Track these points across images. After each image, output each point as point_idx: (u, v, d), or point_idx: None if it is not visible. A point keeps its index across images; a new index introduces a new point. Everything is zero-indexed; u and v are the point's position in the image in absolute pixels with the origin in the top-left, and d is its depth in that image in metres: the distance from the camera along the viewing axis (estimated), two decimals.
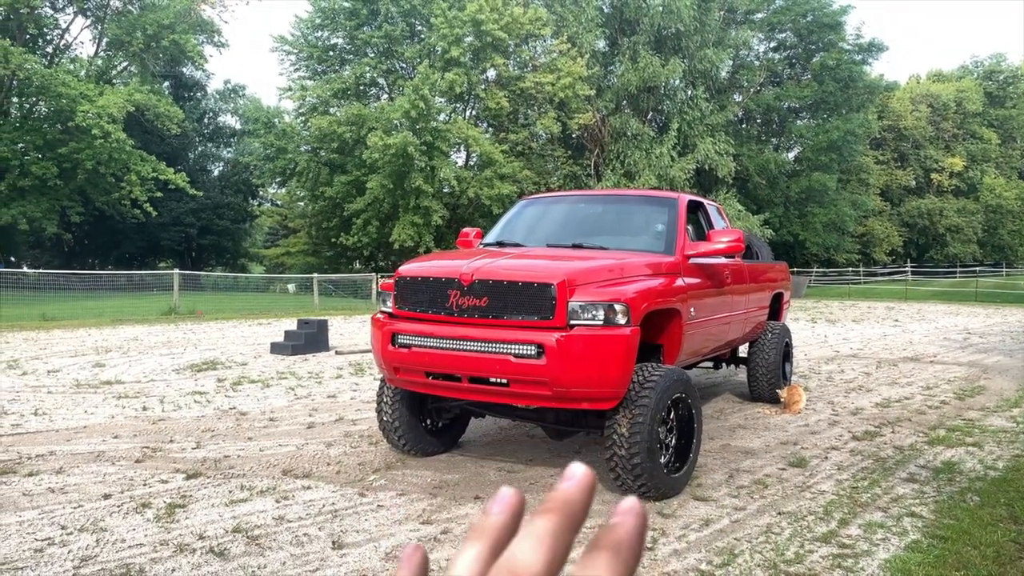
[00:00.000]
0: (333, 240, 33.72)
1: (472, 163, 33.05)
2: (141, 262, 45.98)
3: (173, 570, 3.50)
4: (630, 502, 0.38)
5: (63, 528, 3.98)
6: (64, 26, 34.80)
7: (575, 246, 5.45)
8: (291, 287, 32.21)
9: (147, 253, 46.27)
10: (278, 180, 36.31)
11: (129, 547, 3.75)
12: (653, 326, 4.91)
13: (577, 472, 0.39)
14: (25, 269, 39.18)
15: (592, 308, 4.29)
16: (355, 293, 29.12)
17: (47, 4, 31.91)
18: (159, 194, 32.11)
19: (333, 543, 3.83)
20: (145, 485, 4.75)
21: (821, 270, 42.38)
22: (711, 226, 6.42)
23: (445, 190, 31.29)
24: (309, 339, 11.66)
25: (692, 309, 5.25)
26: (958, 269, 47.95)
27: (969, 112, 53.19)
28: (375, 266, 34.20)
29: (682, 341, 5.12)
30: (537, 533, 0.37)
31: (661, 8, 32.64)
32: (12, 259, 43.61)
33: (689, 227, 5.80)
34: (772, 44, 42.48)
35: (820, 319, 20.05)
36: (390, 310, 4.96)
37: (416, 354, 4.66)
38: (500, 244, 5.83)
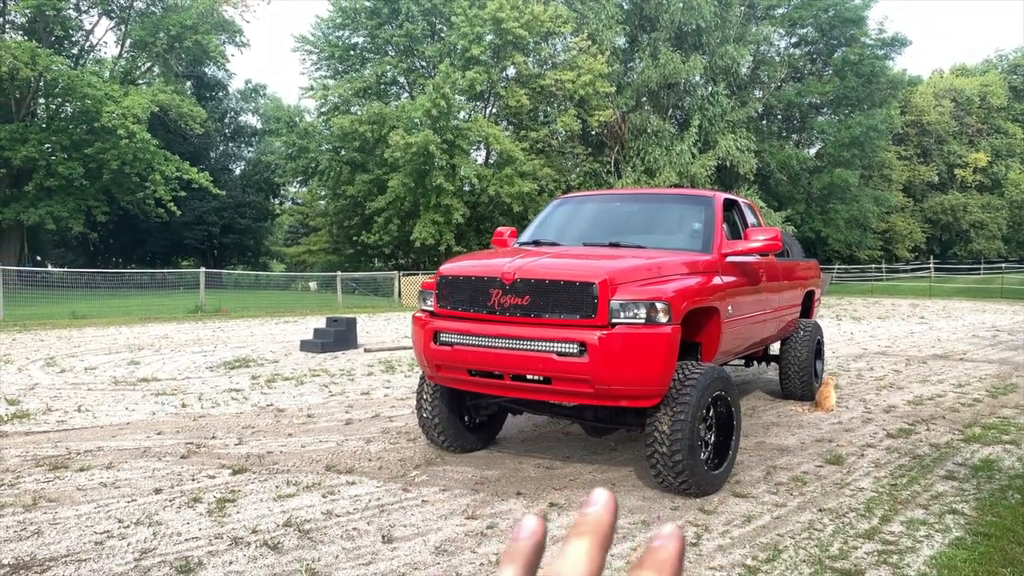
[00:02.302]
0: (354, 238, 33.97)
1: (492, 161, 33.13)
2: (164, 260, 46.52)
3: (230, 563, 3.59)
4: (671, 528, 0.44)
5: (120, 521, 4.09)
6: (89, 28, 35.34)
7: (612, 245, 5.48)
8: (312, 285, 32.46)
9: (170, 252, 46.81)
10: (299, 179, 36.67)
11: (185, 540, 3.85)
12: (692, 324, 4.95)
13: (602, 497, 0.46)
14: (49, 268, 39.81)
15: (634, 307, 4.33)
16: (376, 291, 29.29)
17: (71, 6, 32.34)
18: (182, 193, 32.50)
19: (383, 537, 3.91)
20: (193, 480, 4.86)
21: (843, 267, 42.07)
22: (745, 224, 6.44)
23: (466, 188, 31.43)
24: (338, 337, 11.78)
25: (730, 307, 5.28)
26: (982, 265, 47.44)
27: (993, 107, 52.59)
28: (396, 264, 34.40)
29: (720, 339, 5.16)
30: (577, 553, 0.42)
31: (681, 4, 32.49)
32: (38, 258, 44.30)
33: (724, 225, 5.82)
34: (793, 39, 42.20)
35: (845, 316, 19.94)
36: (431, 308, 5.03)
37: (459, 352, 4.73)
38: (536, 243, 5.87)
